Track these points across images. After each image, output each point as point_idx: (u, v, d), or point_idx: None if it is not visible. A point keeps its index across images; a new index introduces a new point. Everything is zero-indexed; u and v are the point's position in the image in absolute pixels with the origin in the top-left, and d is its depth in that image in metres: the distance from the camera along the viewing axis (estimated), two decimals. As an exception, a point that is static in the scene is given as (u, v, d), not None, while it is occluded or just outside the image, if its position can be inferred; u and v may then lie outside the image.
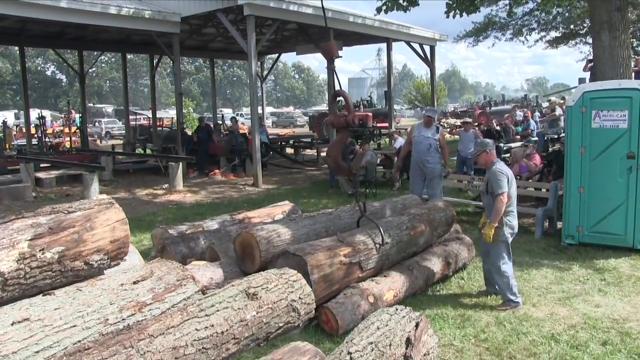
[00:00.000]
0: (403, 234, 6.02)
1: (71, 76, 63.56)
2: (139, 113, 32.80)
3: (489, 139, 14.16)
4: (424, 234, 6.27)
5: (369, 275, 5.65)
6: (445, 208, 6.97)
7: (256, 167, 13.92)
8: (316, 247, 5.24)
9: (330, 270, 5.06)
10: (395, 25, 19.01)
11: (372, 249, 5.63)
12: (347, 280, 5.34)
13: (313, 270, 4.87)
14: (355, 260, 5.39)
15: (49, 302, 2.95)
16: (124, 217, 3.43)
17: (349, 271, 5.30)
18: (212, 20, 17.49)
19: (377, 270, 5.79)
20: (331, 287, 5.14)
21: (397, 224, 6.08)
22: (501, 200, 5.35)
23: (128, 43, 21.59)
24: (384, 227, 5.84)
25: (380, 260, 5.73)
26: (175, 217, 9.90)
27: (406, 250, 6.09)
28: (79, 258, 3.19)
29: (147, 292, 3.15)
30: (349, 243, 5.46)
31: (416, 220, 6.29)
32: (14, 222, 3.05)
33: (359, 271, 5.46)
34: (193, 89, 71.99)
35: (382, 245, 5.66)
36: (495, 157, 5.68)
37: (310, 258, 4.93)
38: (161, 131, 22.95)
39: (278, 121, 52.70)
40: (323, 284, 4.98)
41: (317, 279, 4.87)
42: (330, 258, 5.13)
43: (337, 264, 5.17)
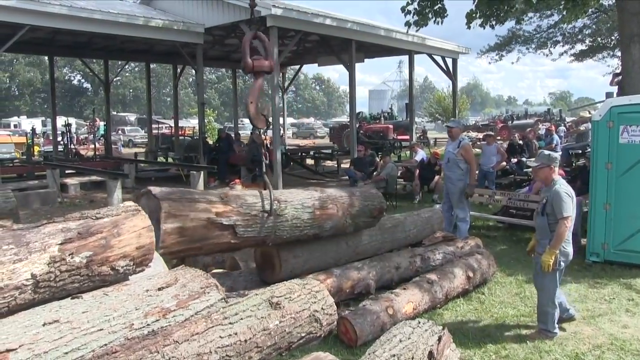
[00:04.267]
0: (305, 211, 5.34)
1: (96, 85, 64.59)
2: (161, 122, 33.15)
3: (512, 152, 14.11)
4: (332, 218, 5.59)
5: (246, 244, 5.07)
6: (374, 198, 6.32)
7: (277, 177, 13.97)
8: (187, 195, 4.62)
9: (192, 225, 4.40)
10: (418, 38, 19.02)
11: (255, 216, 4.94)
12: (214, 243, 4.71)
13: (168, 218, 4.24)
14: (229, 222, 4.70)
15: (77, 305, 3.02)
16: (149, 224, 3.48)
17: (218, 233, 4.65)
18: (234, 31, 17.66)
19: (259, 242, 5.18)
20: (190, 244, 4.49)
21: (301, 199, 5.43)
22: (565, 225, 4.84)
23: (152, 53, 21.87)
24: (285, 198, 5.25)
25: (263, 232, 5.01)
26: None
27: (304, 230, 5.38)
28: (106, 263, 3.25)
29: (171, 299, 3.19)
30: (229, 202, 4.80)
31: (329, 202, 5.61)
32: (46, 226, 3.12)
33: (232, 236, 4.79)
34: (214, 99, 72.60)
35: (269, 214, 4.96)
36: (558, 175, 5.16)
37: (169, 204, 4.31)
38: (183, 140, 23.16)
39: (298, 132, 52.91)
40: (177, 236, 4.30)
41: (170, 229, 4.21)
42: (196, 212, 4.46)
43: (203, 220, 4.49)
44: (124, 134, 40.38)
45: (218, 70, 75.99)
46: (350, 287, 5.72)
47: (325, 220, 5.55)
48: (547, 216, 5.00)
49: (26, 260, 2.93)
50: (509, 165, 13.58)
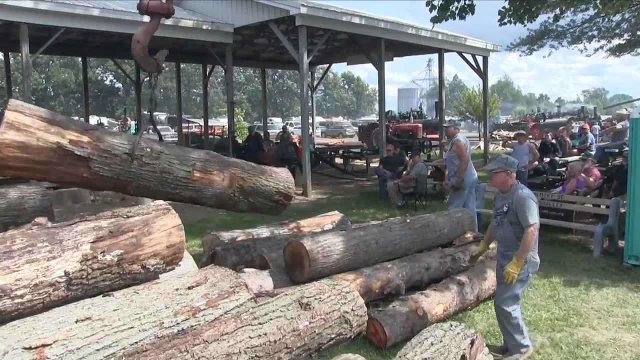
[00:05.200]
0: (181, 168, 4.95)
1: (127, 85, 65.60)
2: (191, 121, 33.46)
3: (544, 152, 13.87)
4: (214, 185, 5.15)
5: (103, 185, 4.75)
6: (281, 180, 5.87)
7: (306, 176, 13.97)
8: (45, 115, 4.35)
9: (37, 144, 4.08)
10: (448, 36, 18.84)
11: (116, 155, 4.57)
12: (64, 172, 4.40)
13: (10, 129, 4.00)
14: (82, 154, 4.34)
15: (108, 303, 3.05)
16: (179, 223, 3.50)
17: (69, 162, 4.32)
18: (263, 31, 17.75)
19: (118, 186, 4.85)
20: (33, 164, 4.20)
21: (182, 156, 5.07)
22: (532, 234, 4.44)
23: (182, 53, 22.08)
24: (163, 150, 4.96)
25: (124, 176, 4.66)
26: (226, 224, 10.01)
27: (177, 190, 5.00)
28: (136, 261, 3.27)
29: (201, 298, 3.20)
30: (95, 136, 4.50)
31: (215, 168, 5.18)
32: (78, 225, 3.16)
33: (86, 171, 4.44)
34: (243, 102, 73.13)
35: (131, 158, 4.63)
36: (514, 181, 4.72)
37: (15, 116, 4.07)
38: (212, 139, 23.36)
39: (327, 131, 52.85)
40: (18, 151, 4.05)
41: (9, 141, 3.96)
42: (46, 132, 4.14)
43: (51, 142, 4.16)
44: (151, 133, 40.80)
45: (246, 70, 76.43)
46: (379, 287, 5.68)
47: (205, 186, 5.14)
48: (511, 225, 4.60)
49: (60, 258, 2.96)
50: (541, 164, 13.35)
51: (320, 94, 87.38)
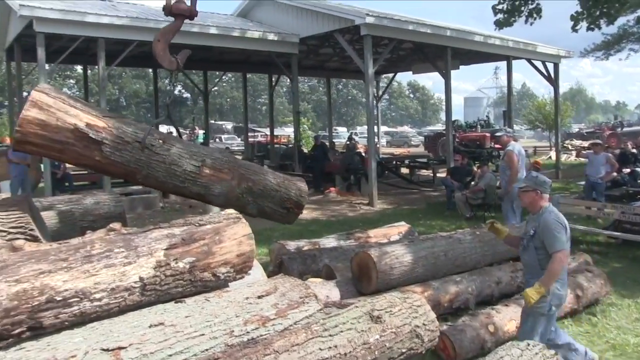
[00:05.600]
0: (190, 162, 4.98)
1: (195, 95, 67.42)
2: (257, 130, 33.99)
3: (624, 162, 13.24)
4: (222, 184, 5.14)
5: (115, 170, 4.90)
6: (292, 189, 5.67)
7: (372, 186, 13.90)
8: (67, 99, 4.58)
9: (56, 123, 4.34)
10: (517, 43, 18.38)
11: (128, 142, 4.72)
12: (78, 153, 4.60)
13: (33, 107, 4.31)
14: (96, 137, 4.52)
15: (180, 309, 3.10)
16: (250, 232, 3.52)
17: (84, 144, 4.52)
18: (328, 41, 17.87)
19: (128, 173, 4.98)
20: (50, 142, 4.45)
21: (193, 151, 5.12)
22: (560, 260, 4.03)
23: (248, 63, 22.50)
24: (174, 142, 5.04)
25: (133, 163, 4.81)
26: (292, 233, 10.06)
27: (186, 183, 5.03)
28: (207, 269, 3.31)
29: (270, 307, 3.20)
30: (111, 122, 4.68)
31: (226, 167, 5.16)
32: (152, 232, 3.23)
33: (99, 154, 4.61)
34: (308, 112, 73.77)
35: (142, 147, 4.74)
36: (547, 202, 4.32)
37: (39, 96, 4.33)
38: (278, 148, 23.63)
39: (392, 140, 52.59)
40: (37, 128, 4.31)
41: (31, 117, 4.27)
42: (65, 114, 4.39)
43: (69, 124, 4.39)
44: (222, 142, 41.80)
45: (311, 80, 77.11)
46: (448, 301, 5.56)
47: (213, 182, 5.13)
48: (537, 250, 4.22)
49: (135, 264, 3.04)
50: (621, 175, 12.72)
51: (385, 103, 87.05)
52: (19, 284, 2.75)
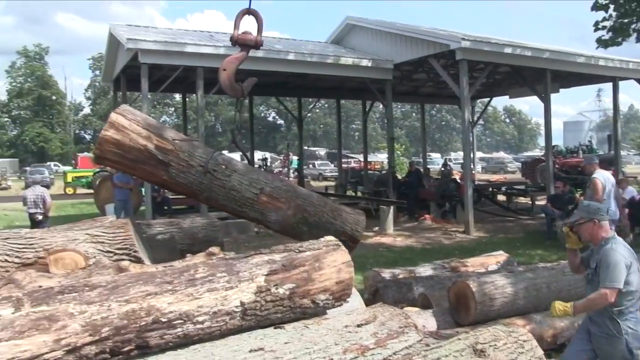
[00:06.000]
0: (249, 189, 5.20)
1: (289, 121, 69.01)
2: (350, 156, 34.17)
3: None
4: (278, 212, 5.28)
5: (179, 189, 5.30)
6: (349, 222, 5.67)
7: (468, 214, 13.54)
8: (145, 121, 5.03)
9: (129, 143, 4.82)
10: (624, 62, 17.41)
11: (192, 166, 5.04)
12: (148, 171, 5.05)
13: (111, 128, 4.81)
14: (165, 159, 4.94)
15: (279, 335, 3.12)
16: (349, 260, 3.51)
17: (153, 164, 4.95)
18: (422, 66, 17.74)
19: (191, 193, 5.33)
20: (124, 160, 4.96)
21: (254, 179, 5.28)
22: (605, 296, 3.65)
23: (342, 90, 22.73)
24: (236, 169, 5.22)
25: (196, 185, 5.13)
26: (386, 261, 9.96)
27: (244, 208, 5.27)
28: (307, 296, 3.32)
29: (370, 337, 3.16)
30: (178, 145, 5.03)
31: (283, 196, 5.29)
32: (254, 257, 3.29)
33: (165, 174, 5.04)
34: (401, 137, 73.44)
35: (204, 171, 5.02)
36: (609, 232, 3.95)
37: (117, 117, 4.87)
38: (372, 174, 23.57)
39: (487, 167, 51.27)
40: (113, 147, 4.84)
41: (108, 137, 4.83)
42: (138, 135, 4.83)
43: (140, 145, 4.86)
44: (314, 168, 42.36)
45: (403, 106, 76.85)
46: (551, 336, 5.28)
47: (269, 210, 5.31)
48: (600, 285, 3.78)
49: (236, 288, 3.10)
50: None
51: (479, 128, 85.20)
52: (128, 304, 2.87)
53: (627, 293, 3.71)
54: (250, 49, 5.57)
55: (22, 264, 4.41)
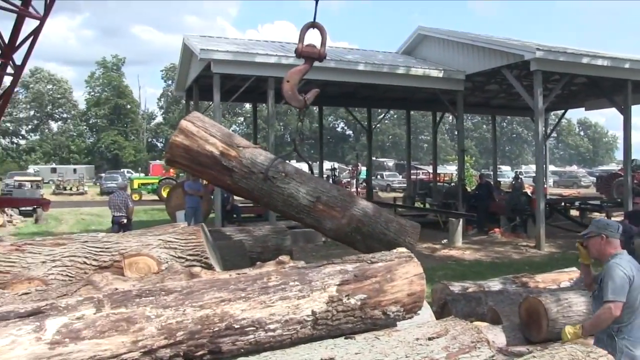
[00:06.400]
0: (306, 197, 5.42)
1: (357, 132, 69.05)
2: (419, 168, 33.84)
3: None
4: (333, 220, 5.46)
5: (243, 193, 5.62)
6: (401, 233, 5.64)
7: (539, 228, 13.13)
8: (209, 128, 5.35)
9: (197, 149, 5.18)
10: None
11: (254, 172, 5.33)
12: (214, 175, 5.45)
13: (181, 134, 5.22)
14: (229, 165, 5.27)
15: (350, 345, 3.11)
16: (421, 272, 3.48)
17: (219, 169, 5.30)
18: (495, 77, 17.39)
19: (252, 197, 5.68)
20: (192, 164, 5.37)
21: (311, 187, 5.49)
22: (609, 313, 3.63)
23: (412, 101, 22.58)
24: (295, 177, 5.42)
25: (257, 191, 5.43)
26: (454, 274, 9.80)
27: (300, 214, 5.51)
28: (378, 307, 3.30)
29: (441, 350, 3.11)
30: (242, 152, 5.33)
31: (338, 205, 5.45)
32: (326, 267, 3.30)
33: (229, 179, 5.37)
34: (471, 148, 72.07)
35: (265, 178, 5.28)
36: (618, 249, 3.87)
37: (186, 124, 5.23)
38: (441, 186, 23.24)
39: (560, 181, 49.55)
40: (182, 151, 5.26)
41: (178, 142, 5.21)
42: (205, 142, 5.22)
43: (207, 151, 5.23)
44: (383, 179, 42.16)
45: (474, 117, 75.47)
46: (632, 359, 5.00)
47: (325, 218, 5.49)
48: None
49: (308, 298, 3.11)
50: None
51: (552, 141, 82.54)
52: (202, 309, 2.93)
53: (626, 310, 3.68)
54: (314, 61, 5.72)
55: (99, 266, 4.60)
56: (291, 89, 5.69)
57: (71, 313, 2.71)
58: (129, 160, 67.19)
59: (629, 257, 3.87)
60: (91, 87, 73.07)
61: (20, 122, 73.91)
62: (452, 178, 28.19)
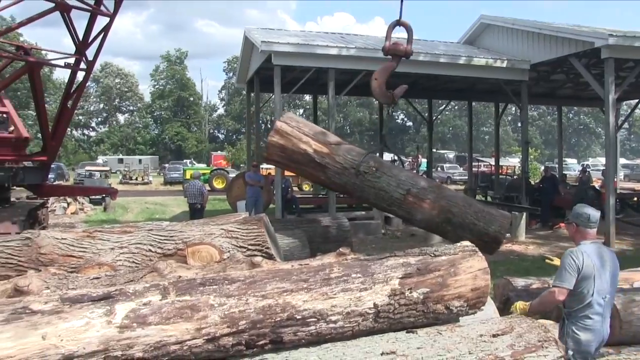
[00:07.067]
0: (397, 190, 5.65)
1: (417, 123, 68.15)
2: (480, 160, 33.14)
3: None
4: (423, 212, 5.70)
5: (336, 187, 6.02)
6: (493, 223, 5.77)
7: (609, 224, 12.60)
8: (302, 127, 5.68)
9: (292, 148, 5.53)
10: None
11: (346, 168, 5.61)
12: (308, 172, 5.80)
13: (276, 134, 5.67)
14: (322, 162, 5.58)
15: (412, 339, 3.07)
16: (486, 267, 3.39)
17: (313, 165, 5.62)
18: (562, 66, 16.74)
19: (345, 191, 5.97)
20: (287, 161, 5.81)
21: (402, 180, 5.71)
22: (553, 295, 3.85)
23: (474, 91, 22.05)
24: (386, 171, 5.61)
25: (350, 185, 5.70)
26: (517, 269, 9.54)
27: (391, 206, 5.76)
28: (440, 302, 3.25)
29: (506, 348, 3.02)
30: (334, 149, 5.61)
31: (428, 197, 5.67)
32: (389, 260, 3.27)
33: (323, 174, 5.69)
34: (535, 137, 69.93)
35: (356, 173, 5.49)
36: (587, 238, 3.97)
37: (281, 125, 5.66)
38: (503, 179, 22.66)
39: (631, 174, 47.38)
40: (278, 150, 5.69)
41: (274, 142, 5.69)
42: (299, 141, 5.54)
43: (301, 149, 5.57)
44: (443, 171, 41.54)
45: (539, 108, 73.15)
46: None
47: (415, 209, 5.70)
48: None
49: (370, 290, 3.09)
50: None
51: (623, 132, 79.12)
52: (265, 299, 2.96)
53: (576, 296, 3.83)
54: (400, 58, 5.94)
55: (163, 254, 4.73)
56: (379, 86, 5.92)
57: (139, 299, 2.79)
58: (191, 151, 68.73)
59: (593, 248, 3.94)
60: (156, 80, 75.15)
61: (90, 114, 76.86)
62: (515, 170, 27.41)
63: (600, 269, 3.88)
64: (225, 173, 34.74)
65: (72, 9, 10.63)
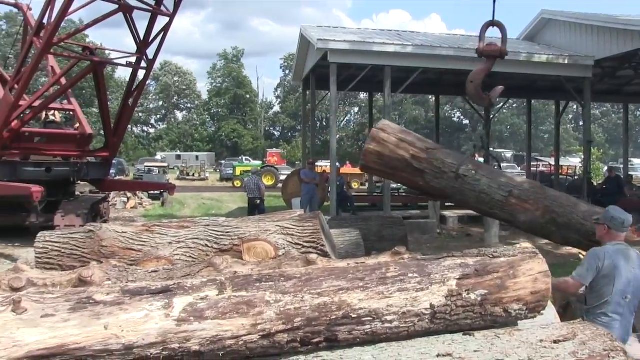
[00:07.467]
0: (498, 192, 5.62)
1: (474, 121, 66.92)
2: (539, 159, 32.27)
3: None
4: (527, 213, 5.62)
5: (434, 192, 5.91)
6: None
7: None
8: (399, 134, 5.72)
9: (389, 154, 5.61)
10: None
11: (445, 172, 5.58)
12: (405, 177, 5.83)
13: (373, 141, 5.72)
14: (419, 167, 5.59)
15: (469, 342, 3.01)
16: (547, 269, 3.29)
17: (410, 171, 5.65)
18: (629, 61, 16.10)
19: (443, 195, 5.97)
20: (384, 168, 5.83)
21: (505, 182, 5.68)
22: (568, 283, 4.10)
23: (533, 89, 21.50)
24: (485, 173, 5.58)
25: (449, 189, 5.66)
26: (578, 272, 9.22)
27: (493, 209, 5.70)
28: (499, 304, 3.17)
29: (568, 355, 2.91)
30: (432, 154, 5.62)
31: (529, 195, 5.63)
32: (446, 260, 3.22)
33: (421, 179, 5.69)
34: (598, 136, 67.50)
35: (456, 175, 5.44)
36: (615, 240, 4.08)
37: (377, 133, 5.71)
38: (563, 180, 22.00)
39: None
40: (375, 157, 5.73)
41: (371, 149, 5.75)
42: (397, 147, 5.58)
43: (398, 155, 5.60)
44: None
45: (603, 105, 70.57)
46: None
47: (518, 211, 5.62)
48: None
49: (427, 291, 3.05)
50: None
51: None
52: (320, 297, 2.95)
53: (595, 294, 3.99)
54: (495, 59, 6.00)
55: (219, 249, 4.79)
56: (475, 89, 6.25)
57: (196, 293, 2.84)
58: (247, 148, 69.74)
59: (619, 249, 4.03)
60: (213, 78, 76.66)
61: (150, 112, 79.09)
62: (576, 171, 26.56)
63: (623, 270, 3.95)
64: (274, 170, 35.19)
65: (134, 9, 10.96)
